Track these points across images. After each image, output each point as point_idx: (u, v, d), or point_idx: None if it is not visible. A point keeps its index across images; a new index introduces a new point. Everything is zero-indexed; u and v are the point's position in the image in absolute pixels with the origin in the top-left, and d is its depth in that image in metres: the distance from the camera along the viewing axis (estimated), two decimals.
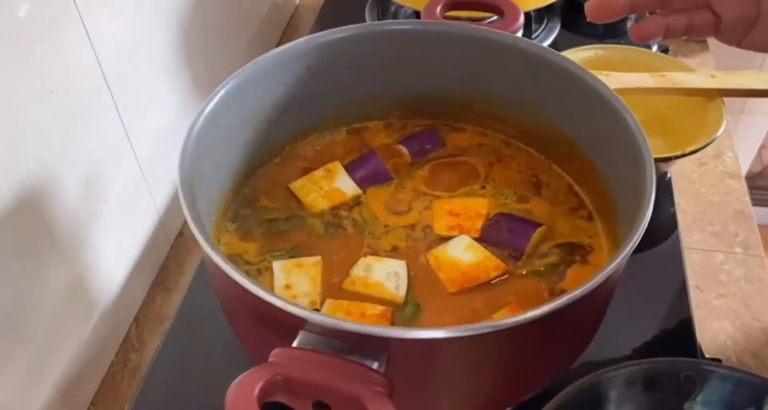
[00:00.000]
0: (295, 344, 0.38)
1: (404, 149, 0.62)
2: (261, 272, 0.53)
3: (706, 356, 0.63)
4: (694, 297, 0.72)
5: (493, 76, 0.59)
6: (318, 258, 0.52)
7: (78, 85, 0.58)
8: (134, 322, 0.71)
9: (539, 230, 0.54)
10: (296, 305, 0.38)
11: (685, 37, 0.55)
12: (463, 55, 0.58)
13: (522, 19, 0.59)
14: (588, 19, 0.54)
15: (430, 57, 0.59)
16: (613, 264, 0.40)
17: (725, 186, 0.87)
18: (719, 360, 0.63)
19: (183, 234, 0.80)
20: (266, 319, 0.40)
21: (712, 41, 1.09)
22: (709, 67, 1.05)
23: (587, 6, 0.54)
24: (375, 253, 0.54)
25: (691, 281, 0.74)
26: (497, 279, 0.52)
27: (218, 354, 0.61)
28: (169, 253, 0.78)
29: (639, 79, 0.70)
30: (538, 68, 0.55)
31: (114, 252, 0.67)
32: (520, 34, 0.60)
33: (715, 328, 0.71)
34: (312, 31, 1.00)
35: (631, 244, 0.41)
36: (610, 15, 0.54)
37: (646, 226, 0.42)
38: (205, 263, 0.42)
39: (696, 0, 0.53)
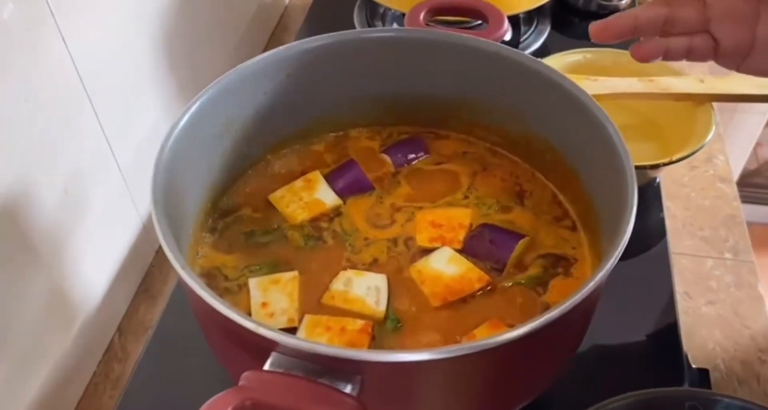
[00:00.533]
0: (267, 365, 0.38)
1: (387, 158, 0.61)
2: (241, 288, 0.52)
3: (693, 365, 0.62)
4: (683, 304, 0.71)
5: (476, 84, 0.58)
6: (294, 273, 0.52)
7: (55, 94, 0.56)
8: (117, 331, 0.70)
9: (522, 242, 0.53)
10: (267, 327, 0.37)
11: (683, 60, 0.55)
12: (447, 63, 0.58)
13: (506, 25, 0.59)
14: (592, 40, 0.55)
15: (413, 64, 0.58)
16: (593, 282, 0.39)
17: (716, 190, 0.86)
18: (706, 370, 0.63)
19: None
20: (239, 340, 0.39)
21: None
22: (701, 68, 1.04)
23: (591, 27, 0.55)
24: (355, 266, 0.53)
25: (681, 288, 0.73)
26: (480, 292, 0.51)
27: (201, 364, 0.60)
28: (153, 260, 0.77)
29: (627, 84, 0.70)
30: (521, 76, 0.55)
31: (96, 261, 0.66)
32: (508, 36, 0.59)
33: (704, 335, 0.71)
34: (301, 32, 0.99)
35: (611, 261, 0.40)
36: (613, 37, 0.54)
37: (626, 242, 0.41)
38: (185, 289, 0.42)
39: (696, 25, 0.53)
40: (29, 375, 0.58)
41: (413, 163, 0.61)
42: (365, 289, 0.50)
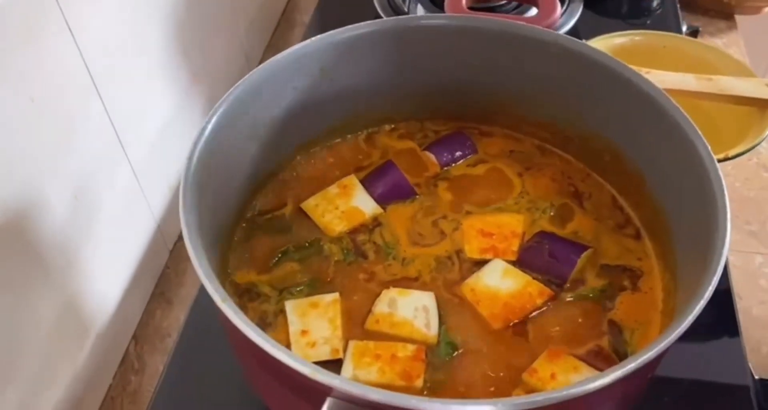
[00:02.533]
0: None
1: (432, 157, 0.56)
2: (277, 315, 0.47)
3: (756, 376, 0.58)
4: (736, 305, 0.67)
5: (527, 76, 0.53)
6: (335, 296, 0.46)
7: (62, 90, 0.52)
8: (133, 340, 0.66)
9: (585, 254, 0.48)
10: (324, 372, 0.32)
11: None
12: (494, 53, 0.52)
13: (558, 11, 0.53)
14: None
15: (459, 55, 0.53)
16: (690, 316, 0.34)
17: (762, 180, 0.81)
18: None
19: (183, 240, 0.74)
20: (290, 383, 0.35)
21: (741, 19, 1.03)
22: (738, 47, 0.99)
23: None
24: (399, 282, 0.48)
25: (733, 288, 0.69)
26: (541, 309, 0.47)
27: (232, 375, 0.55)
28: (168, 261, 0.72)
29: (682, 80, 0.63)
30: (580, 68, 0.49)
31: (108, 266, 0.62)
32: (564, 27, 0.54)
33: (758, 339, 0.67)
34: (314, 14, 0.92)
35: (707, 292, 0.36)
36: None
37: (722, 269, 0.37)
38: (219, 319, 0.37)
39: None
40: (43, 391, 0.54)
41: (459, 162, 0.56)
42: (412, 310, 0.46)
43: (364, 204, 0.52)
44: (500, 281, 0.47)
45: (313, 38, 0.49)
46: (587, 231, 0.51)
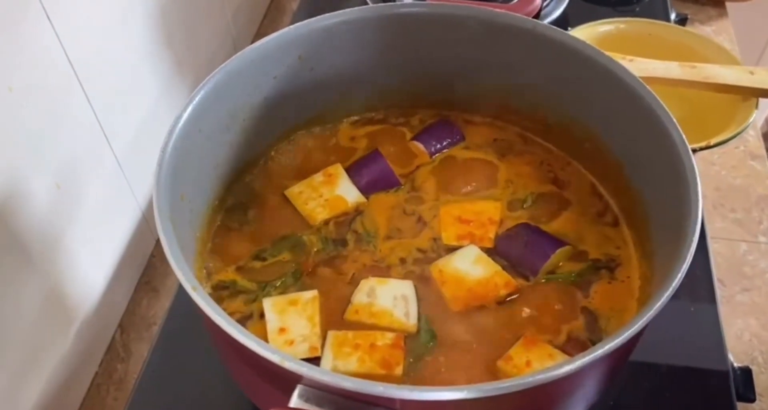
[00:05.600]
0: (293, 399, 0.33)
1: (421, 146, 0.56)
2: (258, 310, 0.46)
3: (735, 365, 0.59)
4: (717, 292, 0.68)
5: (507, 64, 0.53)
6: (314, 293, 0.46)
7: (42, 79, 0.52)
8: (119, 328, 0.67)
9: (561, 250, 0.48)
10: (292, 360, 0.32)
11: None
12: (473, 41, 0.52)
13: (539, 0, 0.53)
14: None
15: (439, 43, 0.53)
16: (659, 303, 0.35)
17: (747, 168, 0.81)
18: (749, 369, 0.59)
19: None
20: (262, 370, 0.35)
21: (731, 6, 1.02)
22: (727, 34, 0.99)
23: None
24: (380, 270, 0.48)
25: (714, 275, 0.69)
26: (510, 298, 0.47)
27: (213, 363, 0.55)
28: (154, 250, 0.73)
29: (665, 68, 0.63)
30: (561, 57, 0.49)
31: (93, 255, 0.62)
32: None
33: (740, 325, 0.67)
34: (301, 1, 0.92)
35: (676, 279, 0.36)
36: None
37: (692, 256, 0.37)
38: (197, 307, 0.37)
39: None
40: (29, 380, 0.54)
41: (447, 150, 0.56)
42: (391, 299, 0.46)
43: (348, 193, 0.52)
44: (470, 267, 0.47)
45: (290, 26, 0.49)
46: (567, 221, 0.51)
